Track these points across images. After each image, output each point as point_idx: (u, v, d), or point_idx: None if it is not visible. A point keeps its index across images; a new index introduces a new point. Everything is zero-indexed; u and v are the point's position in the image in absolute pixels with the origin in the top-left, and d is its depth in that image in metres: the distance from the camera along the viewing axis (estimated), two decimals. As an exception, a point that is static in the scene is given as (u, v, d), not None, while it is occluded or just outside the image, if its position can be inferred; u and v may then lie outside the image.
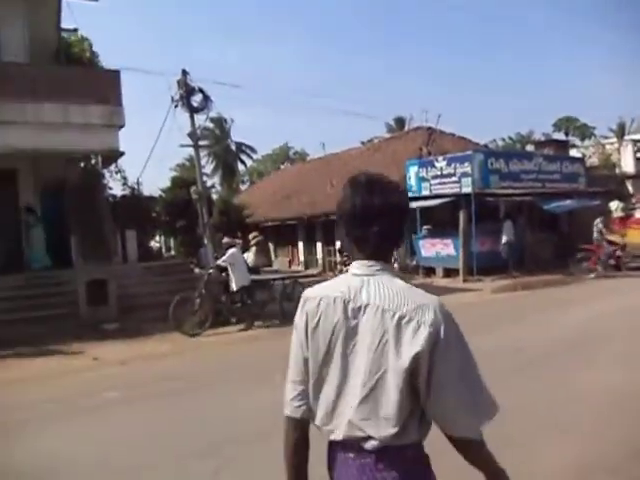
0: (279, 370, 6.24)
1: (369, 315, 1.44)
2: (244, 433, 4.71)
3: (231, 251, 10.20)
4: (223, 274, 10.39)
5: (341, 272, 18.85)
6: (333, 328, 1.48)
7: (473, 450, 1.48)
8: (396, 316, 1.42)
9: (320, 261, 21.91)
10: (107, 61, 17.66)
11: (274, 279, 11.35)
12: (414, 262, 17.16)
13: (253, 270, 11.43)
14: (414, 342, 1.39)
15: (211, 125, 40.40)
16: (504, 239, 15.79)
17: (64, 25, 15.47)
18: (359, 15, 79.62)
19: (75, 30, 16.73)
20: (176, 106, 11.17)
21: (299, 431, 1.57)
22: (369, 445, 1.42)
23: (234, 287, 10.12)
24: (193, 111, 11.25)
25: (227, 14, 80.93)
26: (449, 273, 16.42)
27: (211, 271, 10.41)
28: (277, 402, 5.92)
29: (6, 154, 11.18)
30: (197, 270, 14.44)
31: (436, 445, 1.58)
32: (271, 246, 24.50)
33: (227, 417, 5.20)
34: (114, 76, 12.15)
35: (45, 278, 11.21)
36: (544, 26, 74.30)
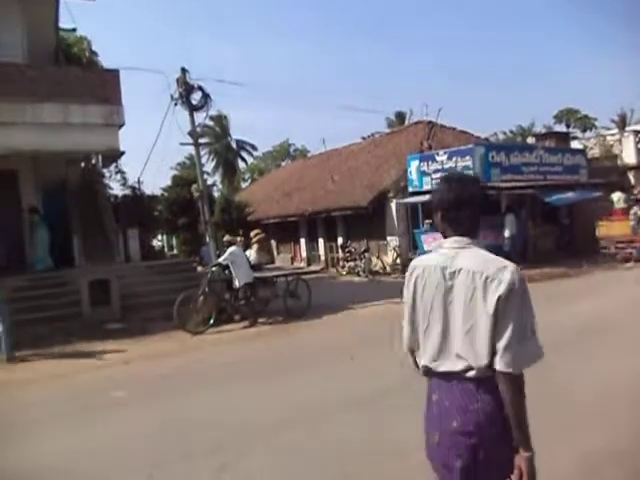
0: (283, 367, 6.25)
1: (462, 277, 1.95)
2: (250, 431, 4.72)
3: (231, 249, 10.19)
4: (226, 272, 10.39)
5: (343, 268, 18.88)
6: (435, 288, 2.00)
7: (509, 385, 1.85)
8: (483, 276, 1.89)
9: (322, 257, 21.88)
10: (106, 60, 17.63)
11: (277, 276, 11.34)
12: (416, 256, 17.09)
13: (255, 267, 11.41)
14: (496, 292, 1.85)
15: (211, 123, 40.42)
16: (507, 233, 15.75)
17: (62, 25, 15.48)
18: (358, 9, 79.35)
19: (74, 30, 16.72)
20: (176, 104, 11.13)
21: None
22: (470, 374, 1.90)
23: (237, 284, 10.12)
24: (193, 109, 11.19)
25: (226, 9, 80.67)
26: (452, 267, 16.36)
27: (214, 269, 10.41)
28: (281, 399, 5.92)
29: (6, 155, 11.17)
30: (200, 268, 14.44)
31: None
32: (273, 243, 24.48)
33: (234, 415, 5.21)
34: (114, 75, 12.10)
35: (48, 279, 11.21)
36: (544, 17, 73.96)
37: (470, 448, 1.86)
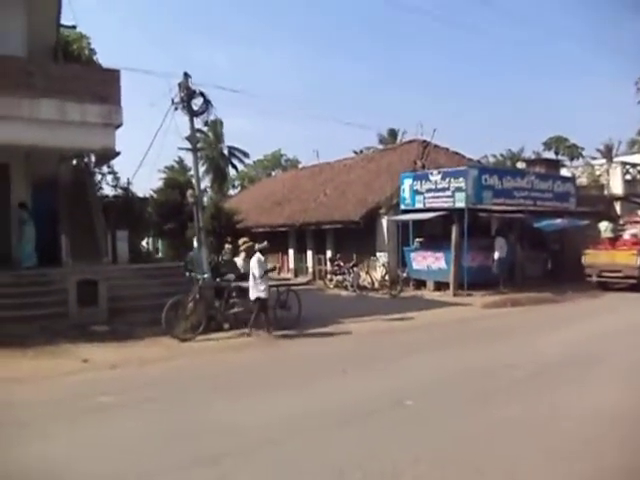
0: (274, 379, 6.23)
1: None
2: (243, 444, 4.64)
3: (258, 257, 10.07)
4: (217, 280, 10.29)
5: (331, 281, 18.81)
6: None
7: None
8: None
9: (310, 269, 21.83)
10: (103, 58, 17.52)
11: (269, 287, 11.21)
12: (405, 274, 17.18)
13: (244, 276, 11.34)
14: None
15: (205, 128, 40.29)
16: (496, 255, 15.91)
17: (63, 21, 15.34)
18: (359, 25, 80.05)
19: (74, 27, 16.61)
20: (176, 109, 11.03)
21: None
22: None
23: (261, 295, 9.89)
24: (193, 114, 11.12)
25: (227, 18, 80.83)
26: (439, 286, 16.48)
27: (206, 276, 10.30)
28: (273, 413, 5.87)
29: (0, 149, 11.02)
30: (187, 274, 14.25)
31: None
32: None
33: (222, 425, 5.13)
34: (114, 75, 11.98)
35: (35, 277, 11.01)
36: (542, 48, 75.36)
37: None
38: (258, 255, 10.15)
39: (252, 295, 9.92)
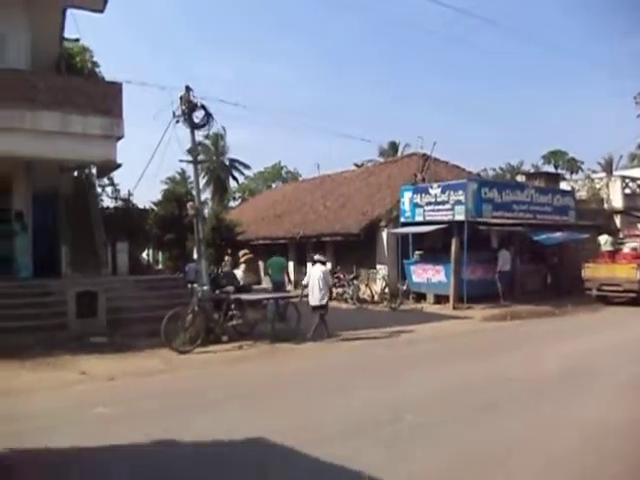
0: (272, 392, 6.17)
1: None
2: (243, 462, 4.62)
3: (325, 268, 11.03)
4: (217, 291, 10.29)
5: (331, 293, 18.72)
6: None
7: None
8: None
9: (310, 281, 21.76)
10: (108, 71, 17.71)
11: (267, 299, 11.23)
12: (405, 287, 17.16)
13: (243, 288, 11.36)
14: None
15: (207, 141, 40.53)
16: (499, 267, 15.97)
17: (66, 34, 15.52)
18: (360, 39, 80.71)
19: (77, 40, 16.78)
20: (177, 121, 11.11)
21: None
22: None
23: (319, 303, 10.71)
24: (194, 127, 11.20)
25: (231, 31, 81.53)
26: (439, 299, 16.45)
27: (205, 287, 10.30)
28: (271, 426, 5.80)
29: (2, 160, 11.09)
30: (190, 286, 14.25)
31: None
32: (261, 264, 24.34)
33: (223, 442, 5.08)
34: (116, 88, 12.12)
35: (33, 287, 11.02)
36: (542, 62, 75.94)
37: None
38: (323, 267, 11.22)
39: (315, 302, 10.84)
